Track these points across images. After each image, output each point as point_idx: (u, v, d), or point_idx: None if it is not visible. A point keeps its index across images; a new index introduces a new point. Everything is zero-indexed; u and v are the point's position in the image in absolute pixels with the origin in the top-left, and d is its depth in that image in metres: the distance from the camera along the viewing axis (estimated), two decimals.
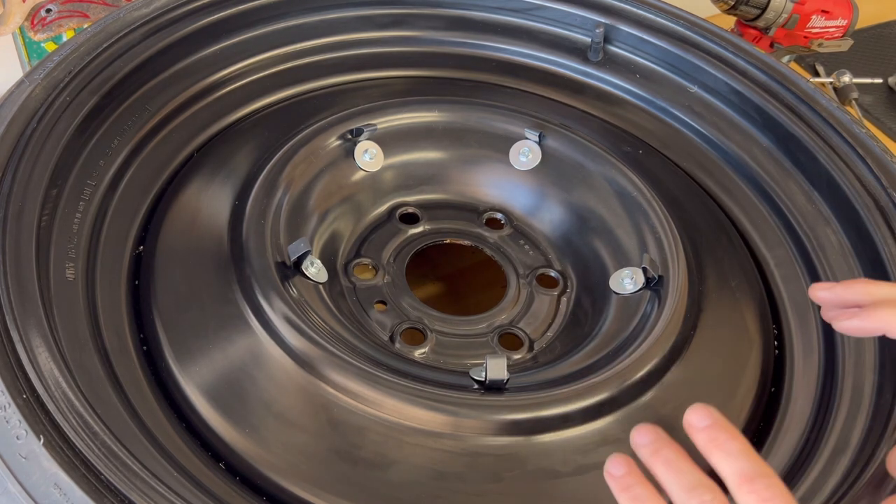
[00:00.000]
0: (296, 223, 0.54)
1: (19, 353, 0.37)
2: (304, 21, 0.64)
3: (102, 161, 0.51)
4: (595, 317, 0.55)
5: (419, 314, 0.54)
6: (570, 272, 0.59)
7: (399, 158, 0.60)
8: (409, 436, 0.43)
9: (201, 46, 0.59)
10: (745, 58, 0.63)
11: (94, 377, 0.42)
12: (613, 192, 0.58)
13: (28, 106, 0.47)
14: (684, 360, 0.49)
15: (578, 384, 0.46)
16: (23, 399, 0.35)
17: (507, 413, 0.44)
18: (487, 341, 0.54)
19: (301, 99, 0.63)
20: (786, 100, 0.61)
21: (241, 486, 0.42)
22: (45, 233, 0.45)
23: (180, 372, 0.45)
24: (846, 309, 0.44)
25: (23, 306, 0.39)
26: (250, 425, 0.43)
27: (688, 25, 0.65)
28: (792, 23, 0.84)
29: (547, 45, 0.68)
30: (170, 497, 0.35)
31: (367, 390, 0.43)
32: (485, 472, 0.43)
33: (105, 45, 0.52)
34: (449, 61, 0.67)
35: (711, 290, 0.54)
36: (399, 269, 0.57)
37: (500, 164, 0.61)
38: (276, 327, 0.45)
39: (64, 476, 0.33)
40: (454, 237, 0.60)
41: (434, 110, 0.61)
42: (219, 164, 0.56)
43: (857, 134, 0.58)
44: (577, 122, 0.64)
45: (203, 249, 0.50)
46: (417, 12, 0.67)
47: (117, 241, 0.50)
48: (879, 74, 0.99)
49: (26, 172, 0.44)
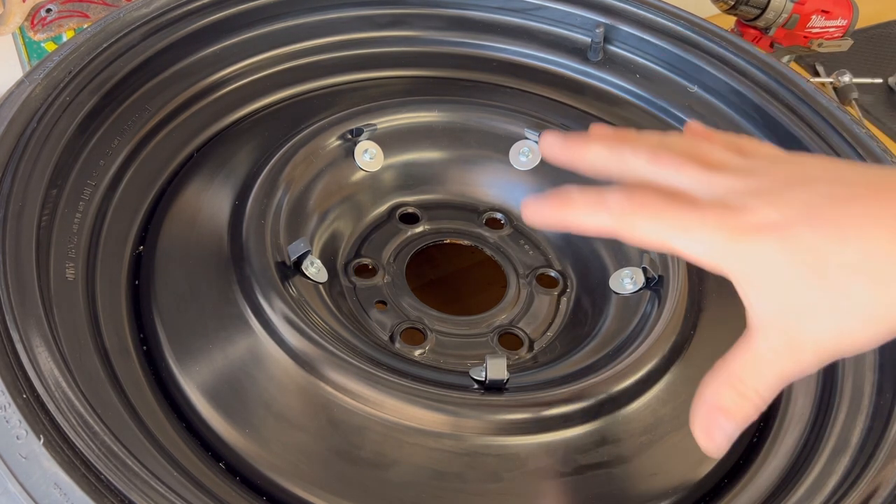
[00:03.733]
0: (296, 223, 0.54)
1: (19, 353, 0.37)
2: (304, 21, 0.64)
3: (102, 161, 0.51)
4: (595, 317, 0.55)
5: (419, 314, 0.54)
6: (570, 272, 0.59)
7: (399, 158, 0.60)
8: (409, 436, 0.43)
9: (201, 46, 0.59)
10: (745, 58, 0.63)
11: (94, 377, 0.42)
12: None
13: (28, 106, 0.47)
14: (684, 360, 0.49)
15: (578, 384, 0.46)
16: (23, 399, 0.35)
17: (507, 413, 0.44)
18: (487, 341, 0.54)
19: (301, 99, 0.63)
20: (786, 100, 0.61)
21: (241, 485, 0.42)
22: (45, 233, 0.45)
23: (180, 372, 0.45)
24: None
25: (23, 306, 0.39)
26: (250, 425, 0.43)
27: (688, 25, 0.65)
28: (792, 23, 0.84)
29: (547, 45, 0.68)
30: (170, 497, 0.35)
31: (367, 390, 0.43)
32: (485, 472, 0.43)
33: (105, 45, 0.52)
34: (449, 61, 0.67)
35: (711, 290, 0.54)
36: (399, 269, 0.57)
37: (500, 164, 0.61)
38: (276, 327, 0.45)
39: (64, 476, 0.33)
40: (454, 237, 0.60)
41: (434, 110, 0.61)
42: (219, 164, 0.56)
43: (857, 134, 0.58)
44: (577, 122, 0.64)
45: (203, 249, 0.50)
46: (417, 12, 0.67)
47: (117, 241, 0.50)
48: (879, 74, 0.99)
49: (26, 172, 0.44)
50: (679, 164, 0.34)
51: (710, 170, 0.34)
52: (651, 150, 0.35)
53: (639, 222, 0.33)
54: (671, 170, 0.34)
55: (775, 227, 0.31)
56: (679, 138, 0.36)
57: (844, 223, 0.30)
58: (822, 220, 0.31)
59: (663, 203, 0.33)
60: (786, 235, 0.31)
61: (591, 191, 0.34)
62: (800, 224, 0.31)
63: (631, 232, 0.33)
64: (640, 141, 0.36)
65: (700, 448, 0.35)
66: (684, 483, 0.45)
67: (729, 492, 0.46)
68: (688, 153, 0.35)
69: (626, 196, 0.33)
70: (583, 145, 0.37)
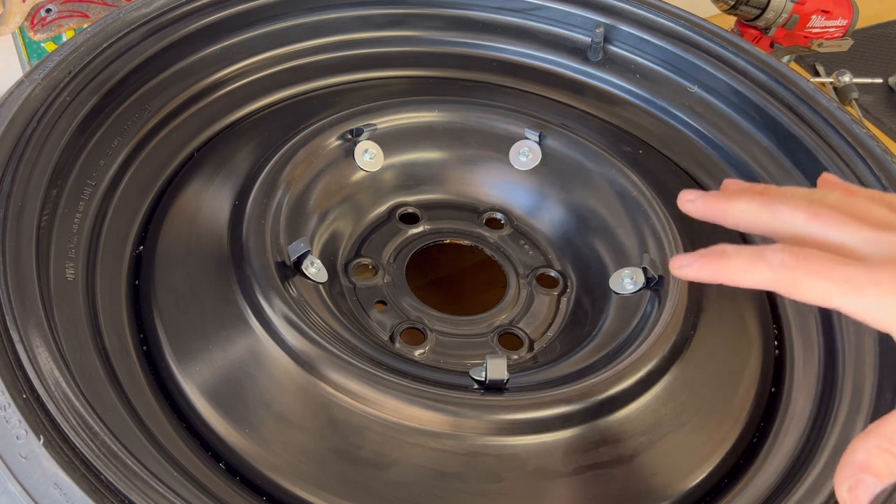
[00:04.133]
0: (296, 223, 0.54)
1: (19, 353, 0.37)
2: (304, 21, 0.64)
3: (102, 161, 0.51)
4: (595, 317, 0.55)
5: (419, 314, 0.54)
6: (570, 272, 0.59)
7: (399, 158, 0.60)
8: (409, 436, 0.43)
9: (201, 46, 0.59)
10: (745, 58, 0.63)
11: (94, 377, 0.42)
12: (613, 192, 0.58)
13: (28, 106, 0.47)
14: (684, 360, 0.49)
15: (578, 384, 0.46)
16: (23, 399, 0.35)
17: (507, 413, 0.44)
18: (487, 341, 0.54)
19: (301, 99, 0.63)
20: (786, 100, 0.61)
21: (241, 486, 0.42)
22: (45, 233, 0.45)
23: (180, 372, 0.45)
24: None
25: (23, 306, 0.39)
26: (250, 425, 0.43)
27: (688, 25, 0.65)
28: (792, 23, 0.84)
29: (547, 45, 0.68)
30: (170, 497, 0.35)
31: (367, 390, 0.43)
32: (485, 472, 0.43)
33: (105, 45, 0.52)
34: (449, 61, 0.67)
35: (711, 290, 0.54)
36: (399, 269, 0.57)
37: (500, 164, 0.61)
38: (276, 327, 0.45)
39: (64, 476, 0.33)
40: (454, 237, 0.60)
41: (434, 110, 0.61)
42: (219, 164, 0.56)
43: (857, 134, 0.58)
44: (577, 122, 0.64)
45: (203, 249, 0.50)
46: (417, 12, 0.67)
47: (117, 241, 0.50)
48: (879, 74, 0.99)
49: (26, 172, 0.44)
50: (841, 220, 0.34)
51: (874, 228, 0.33)
52: (809, 205, 0.34)
53: (804, 280, 0.32)
54: (832, 227, 0.34)
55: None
56: (831, 194, 0.35)
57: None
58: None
59: (831, 261, 0.32)
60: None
61: (748, 248, 0.34)
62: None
63: (793, 288, 0.33)
64: (793, 196, 0.36)
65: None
66: (684, 483, 0.45)
67: (729, 492, 0.46)
68: (846, 210, 0.34)
69: (790, 253, 0.33)
70: (727, 201, 0.37)
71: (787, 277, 0.33)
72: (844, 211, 0.34)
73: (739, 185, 0.39)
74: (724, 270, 0.35)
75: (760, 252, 0.34)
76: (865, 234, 0.33)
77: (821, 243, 0.34)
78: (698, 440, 0.47)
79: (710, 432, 0.48)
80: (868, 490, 0.33)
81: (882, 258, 0.32)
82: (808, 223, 0.34)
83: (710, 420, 0.48)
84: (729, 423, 0.48)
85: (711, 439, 0.47)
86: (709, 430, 0.48)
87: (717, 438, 0.47)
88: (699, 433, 0.47)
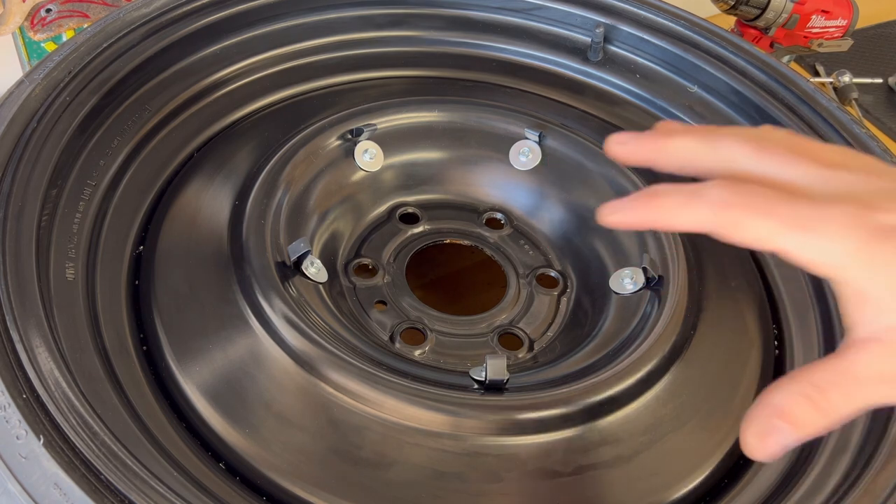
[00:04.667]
0: (296, 223, 0.54)
1: (19, 353, 0.37)
2: (304, 21, 0.64)
3: (102, 161, 0.52)
4: (595, 317, 0.55)
5: (419, 314, 0.54)
6: (570, 272, 0.59)
7: (399, 158, 0.60)
8: (409, 436, 0.43)
9: (201, 46, 0.59)
10: (745, 58, 0.63)
11: (94, 377, 0.42)
12: (613, 192, 0.58)
13: (28, 106, 0.47)
14: (684, 360, 0.49)
15: (578, 384, 0.46)
16: (23, 399, 0.35)
17: (507, 413, 0.44)
18: (487, 341, 0.54)
19: (301, 99, 0.63)
20: (786, 100, 0.61)
21: (241, 486, 0.42)
22: (45, 233, 0.45)
23: (180, 372, 0.45)
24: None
25: (23, 306, 0.39)
26: (250, 425, 0.43)
27: (688, 25, 0.65)
28: (792, 23, 0.84)
29: (547, 45, 0.68)
30: (170, 497, 0.35)
31: (367, 390, 0.43)
32: (485, 472, 0.43)
33: (105, 45, 0.52)
34: (449, 61, 0.67)
35: (711, 290, 0.54)
36: (399, 269, 0.57)
37: (499, 164, 0.61)
38: (276, 327, 0.45)
39: (64, 476, 0.33)
40: (454, 237, 0.60)
41: (434, 110, 0.61)
42: (219, 164, 0.56)
43: (858, 134, 0.58)
44: (577, 122, 0.64)
45: (203, 249, 0.50)
46: (417, 12, 0.67)
47: (117, 241, 0.50)
48: (879, 74, 0.99)
49: (26, 172, 0.44)
50: (788, 157, 0.30)
51: (824, 165, 0.30)
52: (756, 140, 0.31)
53: (746, 219, 0.29)
54: (780, 163, 0.30)
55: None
56: (777, 131, 0.32)
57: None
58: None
59: (777, 197, 0.29)
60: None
61: (683, 185, 0.31)
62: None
63: (734, 228, 0.29)
64: (736, 132, 0.32)
65: (744, 449, 0.31)
66: (684, 483, 0.45)
67: (729, 492, 0.46)
68: (794, 148, 0.31)
69: (731, 189, 0.29)
70: (664, 138, 0.33)
71: (727, 216, 0.29)
72: (792, 148, 0.31)
73: (675, 124, 0.35)
74: (658, 211, 0.31)
75: (697, 189, 0.30)
76: (815, 172, 0.30)
77: (765, 180, 0.30)
78: (698, 440, 0.47)
79: (710, 432, 0.48)
80: (782, 439, 0.29)
81: (833, 194, 0.29)
82: (752, 158, 0.31)
83: (710, 420, 0.48)
84: (729, 423, 0.48)
85: (711, 439, 0.47)
86: (709, 430, 0.48)
87: (717, 438, 0.47)
88: (699, 433, 0.47)
